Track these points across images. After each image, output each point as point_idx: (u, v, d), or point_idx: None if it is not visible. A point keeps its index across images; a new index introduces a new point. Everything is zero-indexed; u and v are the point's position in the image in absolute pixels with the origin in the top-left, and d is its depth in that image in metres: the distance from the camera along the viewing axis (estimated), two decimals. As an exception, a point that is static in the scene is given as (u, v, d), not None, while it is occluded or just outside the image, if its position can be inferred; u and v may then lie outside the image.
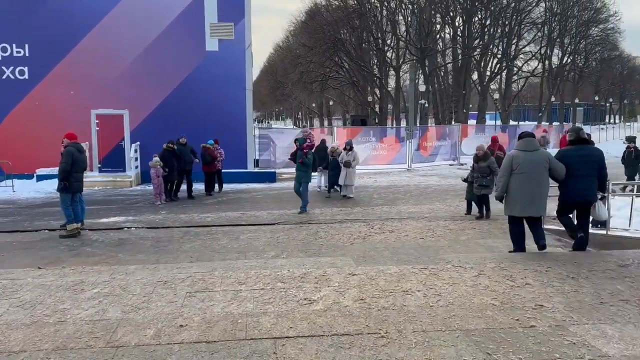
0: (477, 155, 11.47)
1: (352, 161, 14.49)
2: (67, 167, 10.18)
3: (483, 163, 11.32)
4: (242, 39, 18.74)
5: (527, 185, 6.44)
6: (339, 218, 11.77)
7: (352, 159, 14.50)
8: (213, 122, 18.63)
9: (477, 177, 11.35)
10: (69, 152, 10.30)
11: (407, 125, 42.89)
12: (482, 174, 11.27)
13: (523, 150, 6.55)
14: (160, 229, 10.72)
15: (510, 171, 6.56)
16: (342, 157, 14.58)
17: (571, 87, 62.58)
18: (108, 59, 18.14)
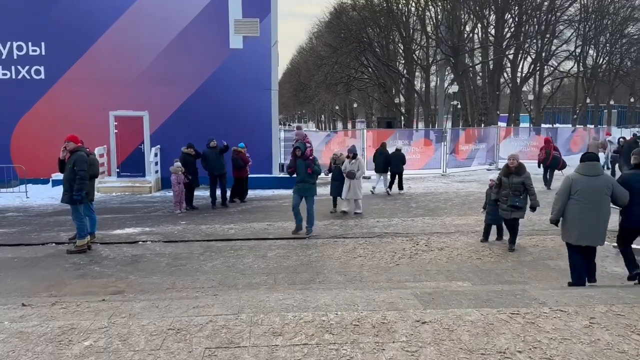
0: (509, 167, 8.70)
1: (356, 171, 12.28)
2: (86, 175, 9.09)
3: (516, 178, 8.57)
4: (268, 35, 17.60)
5: (585, 213, 6.08)
6: (377, 231, 10.47)
7: (356, 169, 12.29)
8: (236, 124, 17.54)
9: (507, 195, 8.65)
10: (83, 158, 9.25)
11: (436, 127, 41.28)
12: (515, 191, 8.60)
13: (584, 175, 6.12)
14: (179, 243, 9.59)
15: (568, 195, 6.17)
16: (345, 166, 12.49)
17: (606, 89, 59.97)
18: (127, 58, 17.20)
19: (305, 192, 10.07)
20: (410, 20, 40.38)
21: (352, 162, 12.42)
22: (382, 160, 16.00)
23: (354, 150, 12.78)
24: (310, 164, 9.99)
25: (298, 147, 10.19)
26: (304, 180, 10.04)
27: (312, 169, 9.97)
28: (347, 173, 12.35)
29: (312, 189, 10.18)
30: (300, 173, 10.05)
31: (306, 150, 10.19)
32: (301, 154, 10.06)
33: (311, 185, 10.12)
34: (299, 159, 10.04)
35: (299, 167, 10.01)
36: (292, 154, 10.16)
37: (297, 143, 10.53)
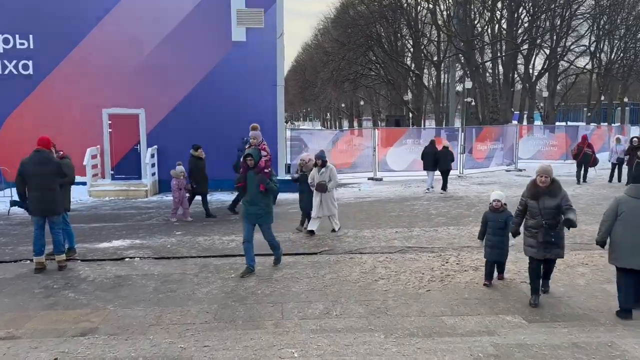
0: (539, 184, 6.05)
1: (327, 182, 9.84)
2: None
3: (550, 201, 5.96)
4: (273, 27, 16.32)
5: (630, 234, 5.80)
6: (398, 245, 9.19)
7: (327, 180, 9.86)
8: (239, 122, 16.17)
9: (537, 226, 6.04)
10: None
11: (447, 125, 39.90)
12: (549, 220, 5.97)
13: (632, 197, 5.89)
14: (171, 260, 8.34)
15: (614, 217, 5.92)
16: (312, 176, 9.97)
17: (619, 86, 58.28)
18: (122, 52, 15.97)
19: (257, 218, 7.52)
20: (420, 13, 38.97)
21: (321, 172, 9.88)
22: (430, 158, 15.88)
23: (322, 155, 10.11)
24: (265, 179, 7.39)
25: (250, 155, 7.38)
26: (255, 201, 7.43)
27: (266, 186, 7.40)
28: (317, 185, 9.83)
29: (266, 214, 7.56)
30: (250, 191, 7.42)
31: (260, 160, 7.49)
32: (254, 165, 7.40)
33: (264, 208, 7.52)
34: (250, 171, 7.43)
35: (250, 182, 7.42)
36: (243, 164, 7.53)
37: (249, 149, 7.78)
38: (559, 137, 26.47)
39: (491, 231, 6.96)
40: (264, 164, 7.54)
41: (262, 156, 7.58)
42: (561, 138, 26.34)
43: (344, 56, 38.50)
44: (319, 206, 9.98)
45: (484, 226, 7.04)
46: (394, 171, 19.98)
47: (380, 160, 19.89)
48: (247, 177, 7.46)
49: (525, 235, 6.30)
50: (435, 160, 15.83)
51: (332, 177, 9.98)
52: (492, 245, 6.92)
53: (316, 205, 9.99)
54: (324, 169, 9.93)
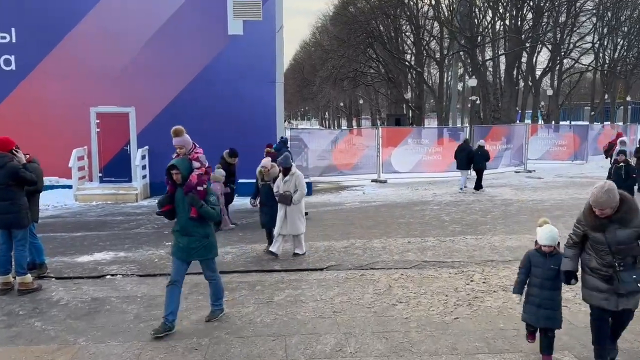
0: (598, 218, 4.22)
1: (293, 193, 8.28)
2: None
3: (623, 231, 4.17)
4: (272, 20, 15.32)
5: None
6: (413, 258, 8.22)
7: (292, 189, 8.26)
8: (236, 121, 15.30)
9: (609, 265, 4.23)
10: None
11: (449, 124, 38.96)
12: (623, 257, 4.20)
13: None
14: (157, 278, 7.35)
15: None
16: (277, 185, 8.45)
17: (622, 84, 57.45)
18: (111, 46, 14.95)
19: (192, 253, 5.52)
20: (422, 9, 38.01)
21: (285, 180, 8.30)
22: (464, 157, 15.68)
23: (286, 161, 8.37)
24: (197, 201, 5.36)
25: (175, 167, 5.43)
26: (187, 231, 5.47)
27: (199, 211, 5.38)
28: (281, 196, 8.24)
29: (204, 248, 5.55)
30: (180, 217, 5.52)
31: (191, 173, 5.48)
32: (182, 181, 5.43)
33: (201, 240, 5.51)
34: (179, 188, 5.49)
35: (179, 205, 5.49)
36: (167, 179, 5.57)
37: (175, 159, 5.66)
38: (567, 137, 25.54)
39: (537, 282, 4.63)
40: (196, 179, 5.44)
41: (193, 169, 5.51)
42: (569, 138, 25.42)
43: (343, 53, 37.52)
44: (284, 221, 8.22)
45: (525, 274, 4.75)
46: (398, 173, 19.05)
47: (384, 161, 18.95)
48: (175, 198, 5.50)
49: (586, 273, 4.42)
50: (469, 159, 15.63)
51: (299, 186, 8.26)
52: (539, 304, 4.59)
53: (280, 221, 8.24)
54: (288, 177, 8.29)
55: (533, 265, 4.72)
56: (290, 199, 8.16)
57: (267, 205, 8.66)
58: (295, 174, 8.31)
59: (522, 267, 4.82)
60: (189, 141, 5.76)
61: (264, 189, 8.74)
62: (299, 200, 8.29)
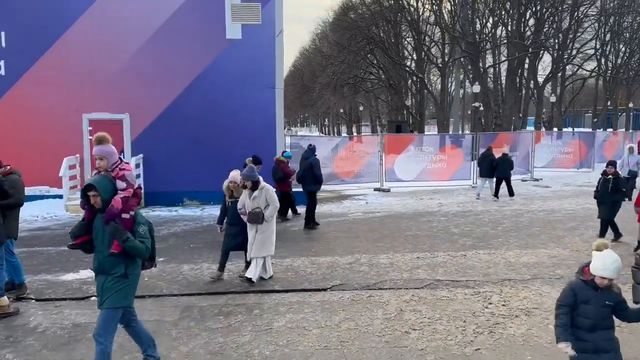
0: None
1: (263, 210, 7.24)
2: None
3: None
4: (272, 23, 14.80)
5: None
6: (424, 277, 7.62)
7: (262, 206, 7.24)
8: (234, 128, 14.77)
9: None
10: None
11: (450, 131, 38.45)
12: None
13: None
14: (146, 300, 6.74)
15: None
16: (241, 202, 7.35)
17: (624, 91, 57.08)
18: (104, 51, 14.40)
19: (103, 297, 4.31)
20: (423, 15, 37.59)
21: (253, 196, 7.25)
22: (487, 165, 15.54)
23: (251, 174, 7.27)
24: (120, 231, 4.14)
25: (92, 187, 4.21)
26: (104, 268, 4.29)
27: (123, 245, 4.15)
28: (250, 214, 7.20)
29: (119, 291, 4.27)
30: (98, 250, 4.32)
31: (114, 196, 4.24)
32: (102, 206, 4.22)
33: (117, 280, 4.27)
34: (98, 215, 4.29)
35: (97, 236, 4.30)
36: (83, 202, 4.36)
37: (94, 177, 4.45)
38: (572, 144, 24.98)
39: (588, 324, 3.68)
40: (120, 204, 4.19)
41: (117, 190, 4.27)
42: (575, 145, 24.86)
43: (343, 59, 37.09)
44: (254, 242, 7.23)
45: (569, 313, 3.72)
46: (402, 181, 18.46)
47: (387, 169, 18.37)
48: (94, 227, 4.31)
49: None
50: (492, 167, 15.44)
51: (271, 200, 7.27)
52: (596, 349, 3.68)
53: (250, 241, 7.28)
54: (256, 192, 7.23)
55: (581, 301, 3.70)
56: (262, 217, 7.18)
57: (236, 225, 7.46)
58: (264, 188, 7.31)
59: (564, 304, 3.75)
60: (114, 153, 4.37)
61: (233, 207, 7.50)
62: (272, 217, 7.36)
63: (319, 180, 11.53)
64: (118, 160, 4.38)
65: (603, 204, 9.71)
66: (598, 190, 9.86)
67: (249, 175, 7.30)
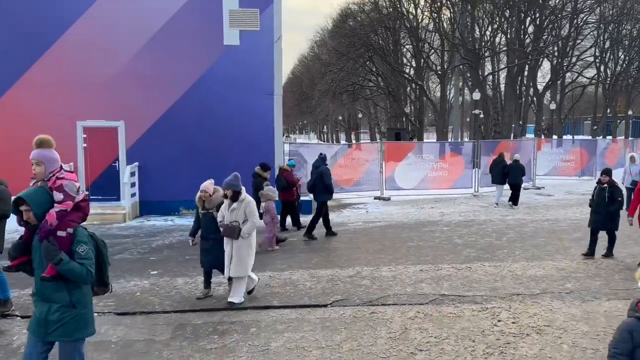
0: None
1: (242, 224, 6.53)
2: None
3: None
4: (270, 30, 14.55)
5: None
6: (429, 291, 7.30)
7: (240, 220, 6.54)
8: (232, 136, 14.49)
9: None
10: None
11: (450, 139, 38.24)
12: None
13: None
14: (136, 317, 6.41)
15: None
16: (221, 214, 6.72)
17: (623, 99, 57.00)
18: (100, 56, 14.12)
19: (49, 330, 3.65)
20: (423, 22, 37.46)
21: (232, 208, 6.56)
22: (499, 172, 15.55)
23: (233, 183, 6.56)
24: (54, 252, 3.53)
25: (22, 201, 3.66)
26: (45, 294, 3.66)
27: (58, 267, 3.54)
28: (226, 228, 6.52)
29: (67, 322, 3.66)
30: (36, 272, 3.72)
31: (50, 211, 3.64)
32: (36, 225, 3.66)
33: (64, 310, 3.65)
34: (36, 236, 3.68)
35: (35, 257, 3.74)
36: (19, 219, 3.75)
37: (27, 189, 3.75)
38: (574, 152, 24.73)
39: None
40: (55, 219, 3.60)
41: (54, 202, 3.67)
42: (577, 153, 24.61)
43: (342, 67, 36.91)
44: (231, 260, 6.53)
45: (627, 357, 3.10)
46: (402, 189, 18.17)
47: (388, 178, 18.07)
48: (33, 246, 3.73)
49: None
50: (504, 174, 15.45)
51: (250, 214, 6.56)
52: None
53: (227, 258, 6.57)
54: (235, 204, 6.54)
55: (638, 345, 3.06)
56: (239, 232, 6.46)
57: (209, 240, 6.88)
58: (245, 200, 6.59)
59: (620, 352, 3.08)
60: (54, 160, 3.79)
61: (206, 220, 6.96)
62: (250, 233, 6.59)
63: (329, 189, 11.29)
64: (58, 167, 3.79)
65: (598, 213, 9.12)
66: (593, 200, 9.31)
67: (230, 183, 6.58)
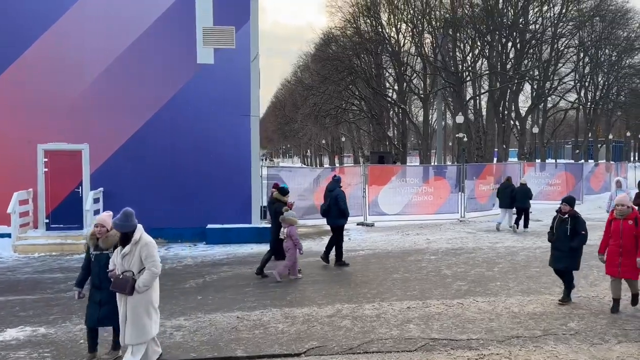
0: None
1: (137, 274, 5.11)
2: None
3: None
4: (247, 48, 13.87)
5: None
6: (417, 334, 6.44)
7: (135, 269, 5.12)
8: (205, 159, 13.69)
9: None
10: None
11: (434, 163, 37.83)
12: None
13: None
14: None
15: None
16: (112, 262, 5.28)
17: (602, 124, 57.67)
18: (62, 76, 13.29)
19: None
20: (405, 46, 37.41)
21: (124, 252, 5.15)
22: (507, 195, 15.37)
23: (125, 222, 5.16)
24: None
25: None
26: None
27: None
28: (115, 281, 5.12)
29: None
30: None
31: None
32: None
33: None
34: None
35: None
36: None
37: None
38: (560, 176, 24.32)
39: None
40: None
41: None
42: (562, 177, 24.21)
43: (325, 90, 36.52)
44: (123, 323, 5.13)
45: None
46: (386, 215, 17.39)
47: (371, 202, 17.30)
48: None
49: None
50: (512, 198, 15.26)
51: (147, 261, 5.06)
52: None
53: (122, 320, 5.15)
54: (128, 247, 5.09)
55: None
56: (132, 285, 5.00)
57: (102, 290, 5.33)
58: (140, 242, 5.10)
59: None
60: None
61: (99, 264, 5.39)
62: (148, 286, 5.05)
63: (344, 214, 10.62)
64: None
65: (560, 250, 7.59)
66: (553, 233, 7.76)
67: (119, 224, 5.06)
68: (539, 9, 36.49)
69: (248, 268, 10.52)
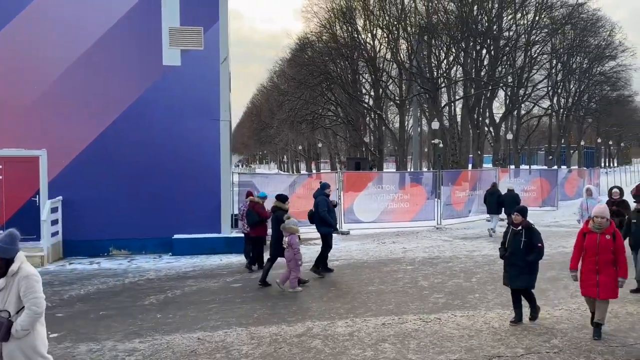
0: None
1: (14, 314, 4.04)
2: None
3: None
4: (216, 49, 13.30)
5: None
6: (391, 355, 5.96)
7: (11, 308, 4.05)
8: (172, 165, 13.04)
9: None
10: None
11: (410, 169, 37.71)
12: None
13: None
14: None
15: None
16: None
17: (574, 130, 58.71)
18: (18, 77, 12.50)
19: None
20: (380, 52, 37.29)
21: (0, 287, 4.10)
22: (494, 201, 15.64)
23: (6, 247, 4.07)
24: None
25: None
26: None
27: None
28: None
29: None
30: None
31: None
32: None
33: None
34: None
35: None
36: None
37: None
38: (534, 182, 24.30)
39: None
40: None
41: None
42: (537, 183, 24.19)
43: (300, 95, 36.14)
44: None
45: None
46: (362, 222, 16.96)
47: (347, 209, 16.84)
48: None
49: None
50: (499, 203, 15.49)
51: (26, 297, 4.05)
52: None
53: None
54: (3, 281, 4.09)
55: None
56: (8, 328, 4.00)
57: None
58: (19, 274, 4.08)
59: None
60: None
61: None
62: (28, 329, 4.03)
63: (324, 221, 10.21)
64: None
65: (515, 266, 6.89)
66: (505, 247, 7.11)
67: (3, 246, 4.06)
68: (513, 17, 36.90)
69: (214, 282, 9.92)
